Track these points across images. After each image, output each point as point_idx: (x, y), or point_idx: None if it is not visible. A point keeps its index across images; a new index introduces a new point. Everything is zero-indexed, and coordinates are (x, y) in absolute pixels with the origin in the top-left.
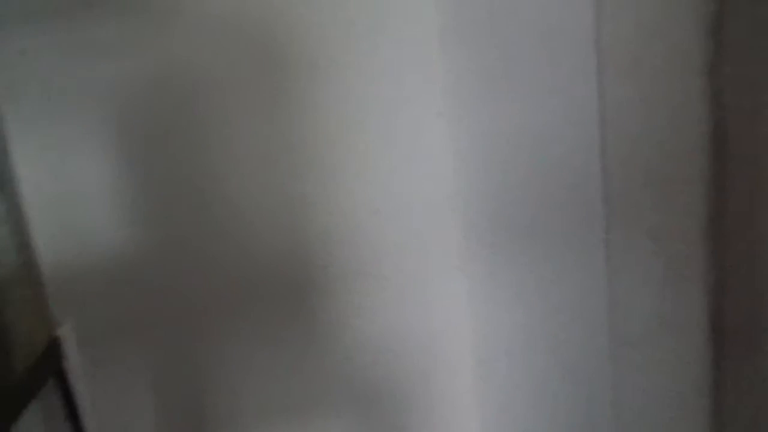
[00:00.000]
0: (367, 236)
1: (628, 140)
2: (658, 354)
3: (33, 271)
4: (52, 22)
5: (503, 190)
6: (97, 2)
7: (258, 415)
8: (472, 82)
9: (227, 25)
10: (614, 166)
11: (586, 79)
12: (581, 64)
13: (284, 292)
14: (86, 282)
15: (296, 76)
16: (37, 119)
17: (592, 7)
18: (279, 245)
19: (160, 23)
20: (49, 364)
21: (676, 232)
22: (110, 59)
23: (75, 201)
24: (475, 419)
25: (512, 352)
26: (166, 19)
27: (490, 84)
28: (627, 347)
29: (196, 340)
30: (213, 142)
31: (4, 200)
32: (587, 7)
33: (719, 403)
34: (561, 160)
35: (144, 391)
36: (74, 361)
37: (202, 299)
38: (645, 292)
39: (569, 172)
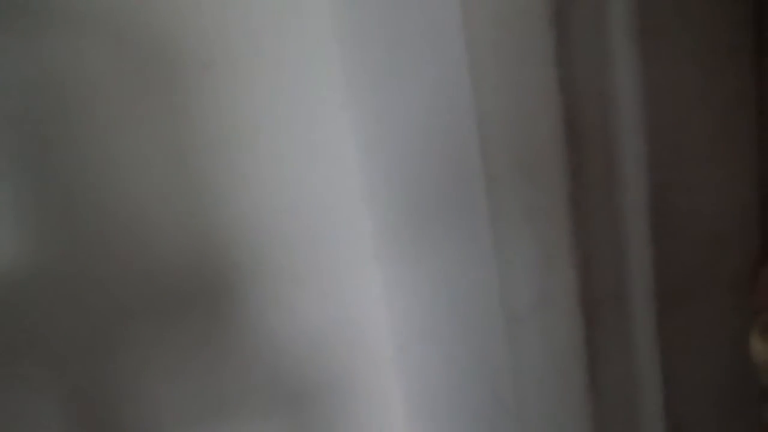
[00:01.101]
0: (279, 233)
1: (501, 128)
2: (541, 329)
3: None
4: None
5: (406, 179)
6: None
7: (177, 424)
8: (370, 74)
9: (120, 24)
10: (492, 155)
11: (460, 71)
12: (456, 55)
13: (197, 295)
14: None
15: (193, 75)
16: None
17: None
18: (189, 248)
19: (42, 24)
20: None
21: (544, 213)
22: None
23: None
24: (399, 404)
25: (426, 336)
26: (47, 19)
27: (385, 76)
28: (517, 324)
29: (104, 349)
30: (111, 147)
31: None
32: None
33: (593, 369)
34: (445, 149)
35: (51, 406)
36: None
37: (110, 307)
38: (527, 271)
39: (454, 162)
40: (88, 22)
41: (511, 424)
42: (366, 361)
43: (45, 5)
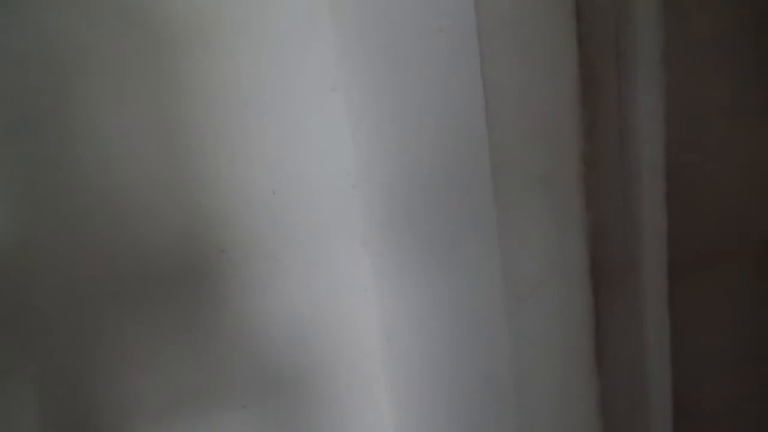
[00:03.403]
0: (265, 218)
1: (509, 91)
2: (548, 304)
3: None
4: None
5: (401, 165)
6: None
7: (157, 411)
8: (366, 55)
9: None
10: (499, 121)
11: (464, 40)
12: (459, 27)
13: (181, 279)
14: None
15: (184, 55)
16: None
17: None
18: (173, 231)
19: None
20: None
21: (555, 179)
22: None
23: None
24: (385, 395)
25: (417, 323)
26: None
27: (383, 58)
28: (520, 303)
29: (84, 332)
30: (96, 126)
31: None
32: None
33: (600, 345)
34: (445, 122)
35: (27, 392)
36: None
37: (92, 290)
38: (535, 244)
39: (456, 136)
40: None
41: (508, 410)
42: (352, 351)
43: None
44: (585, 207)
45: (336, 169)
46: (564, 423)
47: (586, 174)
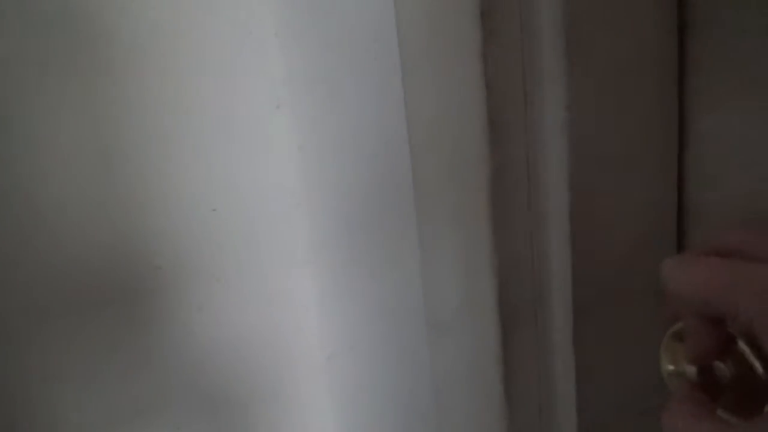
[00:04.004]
0: (205, 235)
1: (428, 129)
2: (462, 335)
3: None
4: None
5: (341, 185)
6: None
7: (89, 430)
8: (310, 74)
9: (41, 8)
10: (420, 156)
11: (392, 73)
12: (388, 56)
13: (113, 296)
14: None
15: (124, 67)
16: None
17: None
18: (107, 248)
19: None
20: None
21: (466, 216)
22: None
23: None
24: (328, 415)
25: (357, 343)
26: None
27: (326, 80)
28: (440, 331)
29: (8, 351)
30: (29, 137)
31: None
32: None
33: (509, 376)
34: (377, 152)
35: None
36: None
37: (17, 305)
38: (450, 276)
39: (385, 165)
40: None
41: None
42: (294, 370)
43: None
44: (494, 245)
45: (279, 186)
46: None
47: (494, 213)
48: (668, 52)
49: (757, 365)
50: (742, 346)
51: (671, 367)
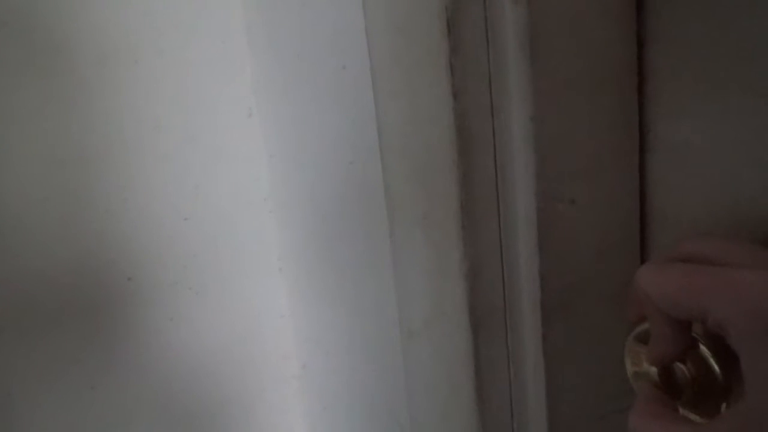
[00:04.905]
0: (177, 245)
1: (398, 135)
2: (433, 342)
3: None
4: None
5: (315, 192)
6: None
7: None
8: (282, 83)
9: (13, 16)
10: (390, 163)
11: (362, 79)
12: (358, 63)
13: (82, 307)
14: None
15: (92, 75)
16: None
17: (361, 10)
18: (75, 258)
19: None
20: None
21: (437, 222)
22: None
23: None
24: (301, 423)
25: (332, 350)
26: None
27: (297, 88)
28: (412, 338)
29: None
30: None
31: None
32: (358, 9)
33: (480, 382)
34: (348, 160)
35: None
36: None
37: None
38: (422, 283)
39: (357, 173)
40: None
41: None
42: (269, 379)
43: None
44: (464, 250)
45: (251, 195)
46: None
47: (463, 219)
48: (628, 61)
49: (716, 368)
50: (704, 349)
51: (635, 369)
